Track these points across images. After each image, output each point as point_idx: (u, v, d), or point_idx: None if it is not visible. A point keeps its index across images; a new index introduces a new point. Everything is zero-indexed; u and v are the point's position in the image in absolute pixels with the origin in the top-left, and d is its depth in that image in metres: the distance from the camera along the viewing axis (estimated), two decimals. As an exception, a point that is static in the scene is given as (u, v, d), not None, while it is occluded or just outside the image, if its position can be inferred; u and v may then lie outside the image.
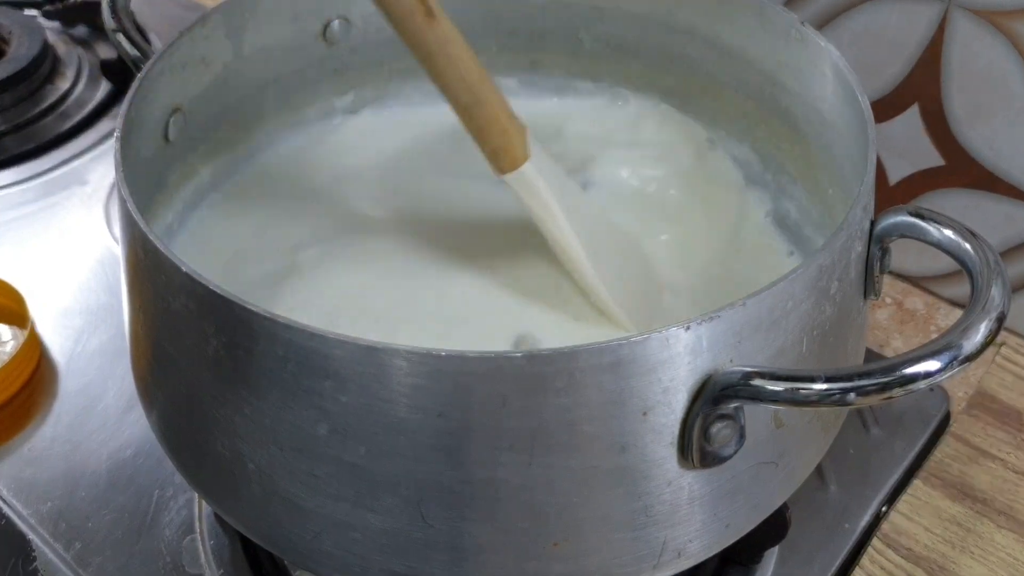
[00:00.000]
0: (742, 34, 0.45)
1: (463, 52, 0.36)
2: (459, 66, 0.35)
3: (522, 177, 0.38)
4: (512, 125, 0.37)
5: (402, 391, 0.29)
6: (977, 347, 0.29)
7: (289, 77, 0.49)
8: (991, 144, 0.51)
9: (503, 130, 0.37)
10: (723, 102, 0.48)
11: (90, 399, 0.51)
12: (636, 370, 0.29)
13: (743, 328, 0.30)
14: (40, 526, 0.46)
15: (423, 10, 0.34)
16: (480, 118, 0.37)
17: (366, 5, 0.48)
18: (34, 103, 0.69)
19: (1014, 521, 0.46)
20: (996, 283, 0.31)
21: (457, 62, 0.35)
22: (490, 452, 0.30)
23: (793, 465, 0.35)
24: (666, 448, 0.31)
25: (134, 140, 0.38)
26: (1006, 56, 0.49)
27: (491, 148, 0.37)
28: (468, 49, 0.36)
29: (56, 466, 0.48)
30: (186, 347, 0.33)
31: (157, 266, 0.32)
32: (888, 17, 0.51)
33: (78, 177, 0.65)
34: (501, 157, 0.38)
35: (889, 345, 0.55)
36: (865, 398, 0.29)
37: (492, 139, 0.37)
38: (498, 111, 0.37)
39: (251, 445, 0.32)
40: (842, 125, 0.40)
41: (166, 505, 0.46)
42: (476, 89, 0.36)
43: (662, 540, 0.33)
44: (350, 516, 0.32)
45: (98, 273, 0.58)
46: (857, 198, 0.34)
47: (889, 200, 0.56)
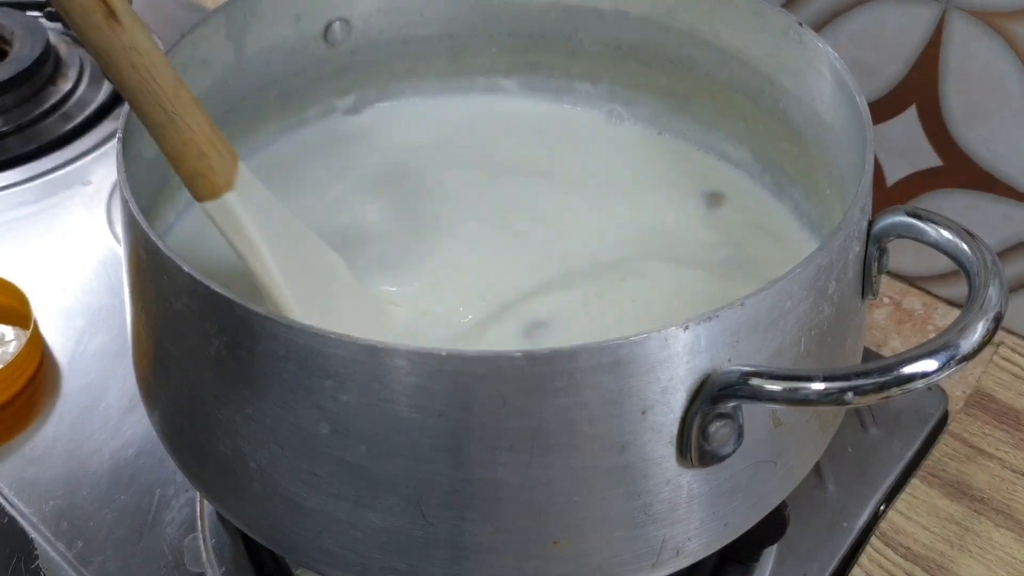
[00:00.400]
0: (740, 35, 0.45)
1: (156, 65, 0.32)
2: (147, 79, 0.32)
3: (221, 207, 0.34)
4: (214, 151, 0.34)
5: (403, 391, 0.29)
6: (974, 347, 0.29)
7: (290, 78, 0.49)
8: (989, 145, 0.52)
9: (200, 154, 0.33)
10: (721, 103, 0.49)
11: (92, 399, 0.51)
12: (635, 370, 0.29)
13: (741, 328, 0.30)
14: (42, 525, 0.46)
15: (103, 11, 0.31)
16: (174, 139, 0.33)
17: (367, 6, 0.49)
18: (36, 104, 0.69)
19: (1012, 520, 0.46)
20: (993, 283, 0.31)
21: (144, 74, 0.32)
22: (490, 452, 0.30)
23: (791, 464, 0.36)
24: (665, 447, 0.31)
25: (136, 141, 0.38)
26: (1004, 57, 0.49)
27: (187, 172, 0.34)
28: (165, 64, 0.32)
29: (58, 465, 0.48)
30: (188, 347, 0.33)
31: (159, 266, 0.32)
32: (886, 18, 0.51)
33: (80, 178, 0.65)
34: (198, 183, 0.34)
35: (887, 345, 0.55)
36: (863, 397, 0.29)
37: (188, 163, 0.34)
38: (196, 132, 0.33)
39: (252, 444, 0.33)
40: (840, 126, 0.41)
41: (168, 504, 0.47)
42: (168, 106, 0.33)
43: (661, 539, 0.33)
44: (351, 515, 0.32)
45: (100, 273, 0.58)
46: (855, 198, 0.34)
47: (887, 200, 0.56)
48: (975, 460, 0.49)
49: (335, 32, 0.49)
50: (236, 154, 0.35)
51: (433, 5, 0.50)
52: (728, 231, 0.46)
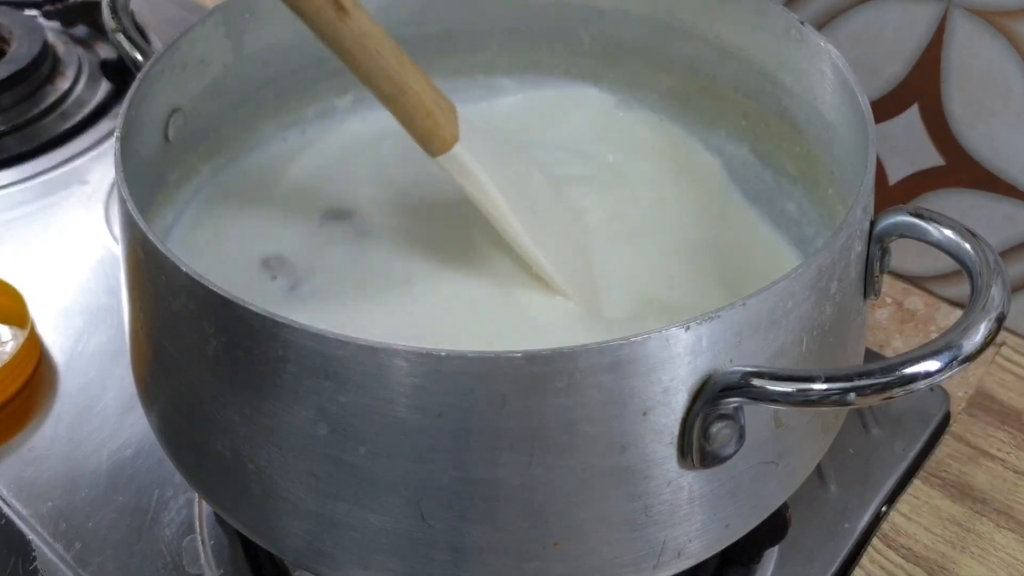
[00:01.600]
0: (742, 34, 0.45)
1: (381, 43, 0.36)
2: (377, 57, 0.36)
3: (453, 159, 0.39)
4: (438, 108, 0.38)
5: (402, 391, 0.29)
6: (977, 347, 0.29)
7: (289, 77, 0.49)
8: (991, 144, 0.51)
9: (428, 114, 0.37)
10: (723, 102, 0.48)
11: (90, 399, 0.51)
12: (636, 370, 0.29)
13: (743, 328, 0.30)
14: (40, 526, 0.46)
15: (334, 6, 0.35)
16: (404, 105, 0.37)
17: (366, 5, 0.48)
18: (34, 103, 0.69)
19: (1014, 521, 0.46)
20: (996, 283, 0.31)
21: (374, 54, 0.36)
22: (490, 452, 0.30)
23: (793, 465, 0.35)
24: (666, 448, 0.31)
25: (134, 140, 0.38)
26: (1006, 56, 0.49)
27: (419, 134, 0.38)
28: (387, 39, 0.36)
29: (56, 466, 0.48)
30: (186, 347, 0.33)
31: (157, 266, 0.32)
32: (888, 17, 0.51)
33: (78, 177, 0.65)
34: (430, 141, 0.38)
35: (889, 345, 0.55)
36: (865, 398, 0.29)
37: (419, 124, 0.37)
38: (422, 96, 0.37)
39: (251, 445, 0.32)
40: (842, 125, 0.40)
41: (166, 505, 0.46)
42: (397, 78, 0.36)
43: (662, 540, 0.33)
44: (350, 516, 0.32)
45: (98, 273, 0.58)
46: (857, 198, 0.34)
47: (889, 200, 0.56)
48: (977, 461, 0.49)
49: (334, 31, 0.48)
50: (454, 106, 0.39)
51: (432, 4, 0.50)
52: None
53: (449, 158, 0.38)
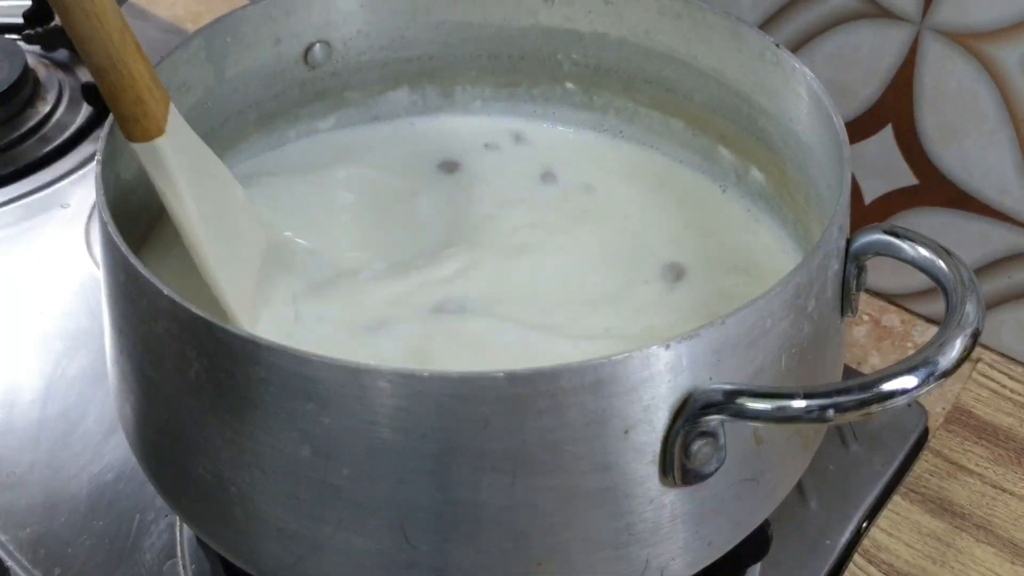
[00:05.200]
0: (718, 56, 0.46)
1: (104, 11, 0.34)
2: (96, 24, 0.34)
3: (151, 151, 0.37)
4: (151, 96, 0.36)
5: (385, 413, 0.29)
6: (953, 363, 0.30)
7: (271, 101, 0.49)
8: (964, 164, 0.52)
9: (138, 99, 0.36)
10: (700, 123, 0.49)
11: (70, 423, 0.51)
12: (617, 389, 0.29)
13: (722, 346, 0.30)
14: (19, 552, 0.45)
15: None
16: (114, 83, 0.35)
17: (347, 29, 0.49)
18: (14, 126, 0.68)
19: (993, 535, 0.47)
20: (971, 300, 0.31)
21: (94, 20, 0.34)
22: (473, 473, 0.30)
23: (774, 482, 0.36)
24: (648, 466, 0.31)
25: (115, 163, 0.38)
26: (977, 77, 0.49)
27: (122, 115, 0.36)
28: (111, 9, 0.34)
29: (35, 491, 0.48)
30: (168, 370, 0.33)
31: (138, 289, 0.32)
32: (861, 39, 0.52)
33: (59, 200, 0.64)
34: (131, 126, 0.36)
35: (867, 362, 0.56)
36: (844, 414, 0.29)
37: (124, 107, 0.36)
38: (136, 80, 0.36)
39: (233, 468, 0.32)
40: (817, 145, 0.41)
41: (147, 529, 0.46)
42: (113, 52, 0.35)
43: (645, 558, 0.33)
44: (333, 539, 0.32)
45: (79, 296, 0.58)
46: (833, 217, 0.34)
47: (864, 219, 0.57)
48: (956, 476, 0.49)
49: (315, 54, 0.49)
50: (169, 99, 0.37)
51: (413, 27, 0.50)
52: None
53: (146, 148, 0.37)
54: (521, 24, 0.50)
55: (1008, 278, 0.54)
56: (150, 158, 0.37)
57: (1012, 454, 0.50)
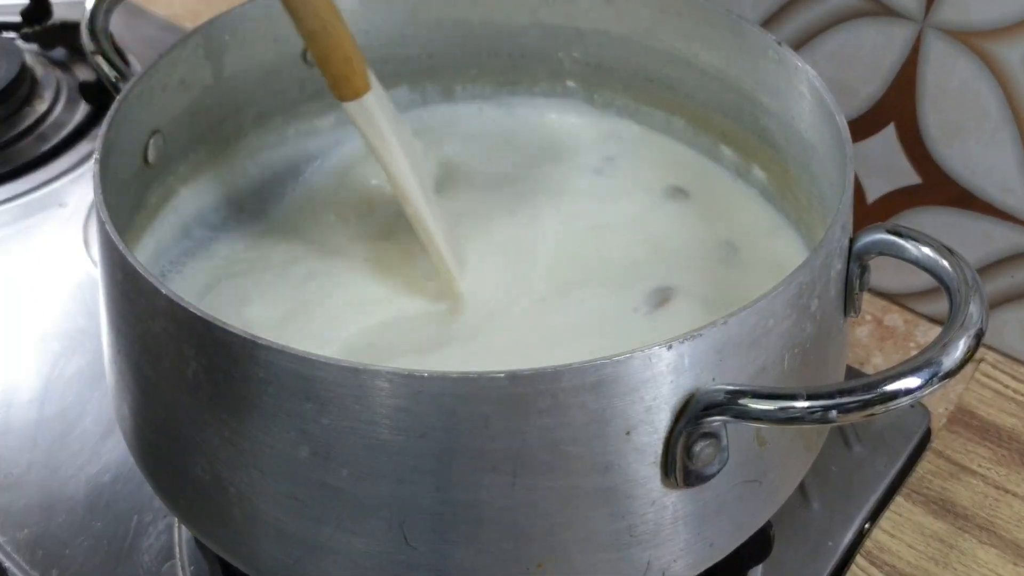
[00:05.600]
0: (720, 54, 0.46)
1: None
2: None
3: (362, 107, 0.40)
4: (356, 56, 0.39)
5: (384, 412, 0.29)
6: (956, 363, 0.29)
7: (269, 99, 0.49)
8: (966, 163, 0.52)
9: (347, 58, 0.39)
10: (702, 121, 0.49)
11: (68, 424, 0.51)
12: (619, 389, 0.29)
13: (724, 346, 0.30)
14: (16, 554, 0.45)
15: None
16: (325, 45, 0.39)
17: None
18: (12, 125, 0.68)
19: (996, 537, 0.46)
20: (974, 300, 0.31)
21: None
22: (473, 473, 0.30)
23: (776, 483, 0.36)
24: (649, 467, 0.31)
25: (113, 162, 0.38)
26: (979, 76, 0.49)
27: (333, 75, 0.39)
28: None
29: (33, 492, 0.48)
30: (165, 370, 0.33)
31: (136, 288, 0.32)
32: (863, 38, 0.52)
33: (56, 199, 0.64)
34: (343, 85, 0.40)
35: (869, 362, 0.55)
36: (847, 415, 0.29)
37: (336, 67, 0.39)
38: (343, 40, 0.39)
39: (231, 469, 0.32)
40: (820, 144, 0.41)
41: (145, 531, 0.46)
42: (323, 16, 0.38)
43: (646, 560, 0.32)
44: (332, 539, 0.32)
45: (76, 296, 0.58)
46: (835, 216, 0.34)
47: (867, 218, 0.56)
48: (958, 477, 0.49)
49: (315, 52, 0.49)
50: (366, 60, 0.40)
51: (413, 25, 0.50)
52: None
53: (359, 105, 0.40)
54: (521, 22, 0.50)
55: (1011, 277, 0.54)
56: (362, 114, 0.40)
57: (1015, 455, 0.50)
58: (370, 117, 0.40)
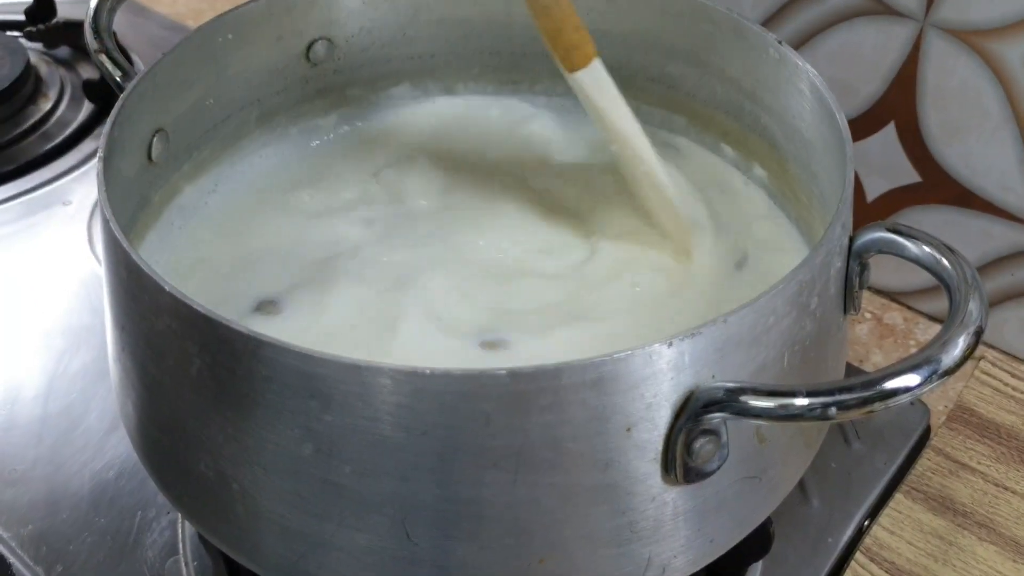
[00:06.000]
0: (721, 54, 0.46)
1: None
2: None
3: (593, 72, 0.41)
4: (581, 24, 0.40)
5: (387, 410, 0.29)
6: (956, 361, 0.30)
7: (272, 97, 0.49)
8: (967, 161, 0.52)
9: (576, 27, 0.40)
10: (703, 120, 0.49)
11: (72, 420, 0.51)
12: (619, 387, 0.29)
13: (725, 344, 0.30)
14: (21, 549, 0.45)
15: None
16: (557, 17, 0.40)
17: (349, 26, 0.49)
18: (16, 123, 0.68)
19: (995, 534, 0.47)
20: (974, 298, 0.31)
21: None
22: (475, 470, 0.30)
23: (776, 480, 0.36)
24: (650, 464, 0.31)
25: (117, 160, 0.38)
26: (980, 74, 0.49)
27: (565, 45, 0.40)
28: None
29: (37, 488, 0.48)
30: (169, 367, 0.33)
31: (140, 286, 0.32)
32: (864, 36, 0.52)
33: (61, 197, 0.65)
34: (575, 54, 0.41)
35: (869, 360, 0.55)
36: (846, 412, 0.29)
37: (567, 37, 0.40)
38: (571, 11, 0.40)
39: (235, 465, 0.32)
40: (820, 143, 0.41)
41: (149, 526, 0.46)
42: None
43: (647, 556, 0.33)
44: (335, 536, 0.32)
45: (80, 293, 0.58)
46: (836, 215, 0.34)
47: (867, 217, 0.56)
48: (958, 474, 0.49)
49: (317, 51, 0.49)
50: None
51: (415, 24, 0.50)
52: None
53: (590, 71, 0.41)
54: (523, 21, 0.50)
55: (1011, 276, 0.54)
56: (594, 81, 0.41)
57: (1014, 452, 0.50)
58: (600, 82, 0.41)
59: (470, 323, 0.40)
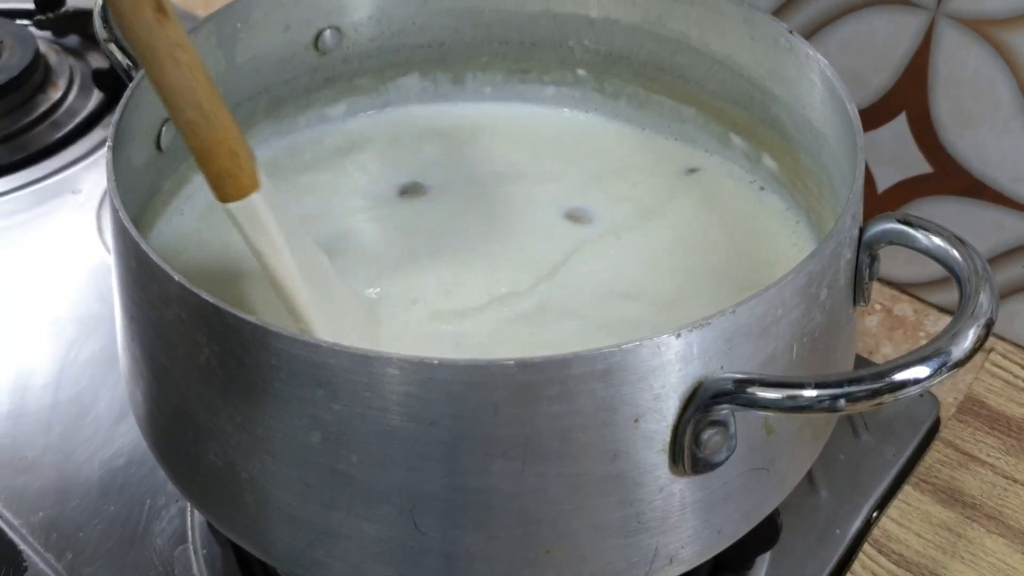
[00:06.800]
0: (731, 43, 0.46)
1: (195, 62, 0.32)
2: (189, 76, 0.32)
3: (249, 207, 0.34)
4: (243, 148, 0.34)
5: (395, 399, 0.29)
6: (966, 353, 0.30)
7: (281, 86, 0.49)
8: (978, 152, 0.52)
9: (231, 152, 0.33)
10: (712, 111, 0.49)
11: (82, 408, 0.51)
12: (628, 377, 0.29)
13: (733, 335, 0.30)
14: (31, 536, 0.46)
15: (154, 5, 0.31)
16: (208, 138, 0.33)
17: (358, 15, 0.49)
18: (26, 112, 0.69)
19: (1004, 526, 0.46)
20: (984, 289, 0.31)
21: (187, 71, 0.32)
22: (483, 460, 0.30)
23: (784, 471, 0.36)
24: (657, 455, 0.31)
25: (126, 149, 0.38)
26: (992, 64, 0.49)
27: (216, 172, 0.34)
28: (199, 61, 0.33)
29: (48, 475, 0.48)
30: (178, 356, 0.33)
31: (149, 275, 0.32)
32: (875, 26, 0.52)
33: (70, 186, 0.65)
34: (227, 183, 0.34)
35: (878, 351, 0.55)
36: (855, 404, 0.29)
37: (219, 163, 0.33)
38: (228, 132, 0.33)
39: (244, 454, 0.32)
40: (831, 133, 0.41)
41: (158, 514, 0.46)
42: (205, 105, 0.33)
43: (654, 546, 0.33)
44: (343, 525, 0.32)
45: (90, 282, 0.58)
46: (846, 206, 0.34)
47: (878, 208, 0.56)
48: (967, 466, 0.49)
49: (326, 40, 0.49)
50: (254, 155, 0.35)
51: (424, 13, 0.50)
52: None
53: (243, 206, 0.34)
54: (532, 10, 0.50)
55: (1022, 267, 0.54)
56: (247, 216, 0.34)
57: (1024, 444, 0.50)
58: (255, 220, 0.34)
59: (464, 308, 0.41)
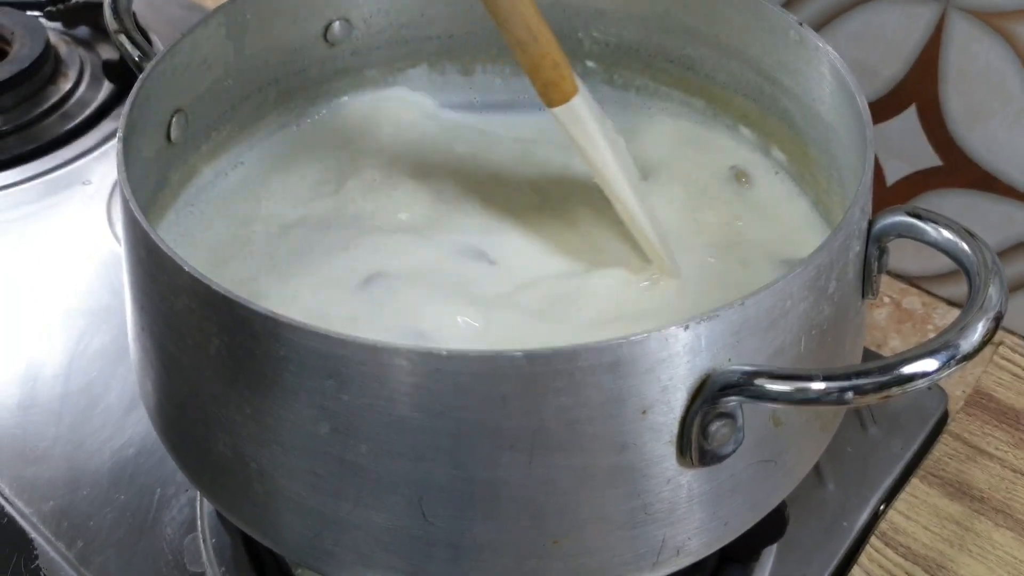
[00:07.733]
0: (741, 35, 0.45)
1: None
2: (518, 5, 0.39)
3: (572, 110, 0.41)
4: (563, 60, 0.40)
5: (403, 390, 0.29)
6: (974, 346, 0.29)
7: (290, 78, 0.49)
8: (989, 145, 0.52)
9: (555, 64, 0.40)
10: (722, 102, 0.49)
11: (92, 398, 0.51)
12: (635, 369, 0.29)
13: (742, 327, 0.30)
14: (42, 525, 0.46)
15: None
16: (535, 54, 0.39)
17: (367, 6, 0.49)
18: (36, 103, 0.69)
19: (1012, 520, 0.46)
20: (993, 283, 0.31)
21: (517, 2, 0.39)
22: (490, 451, 0.30)
23: (791, 464, 0.36)
24: (665, 447, 0.31)
25: (136, 140, 0.39)
26: (1004, 57, 0.49)
27: (543, 81, 0.40)
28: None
29: (58, 465, 0.48)
30: (188, 347, 0.33)
31: (159, 266, 0.32)
32: (886, 18, 0.51)
33: (80, 177, 0.65)
34: (552, 90, 0.40)
35: (887, 344, 0.55)
36: (863, 397, 0.29)
37: (545, 73, 0.40)
38: (551, 47, 0.40)
39: (253, 444, 0.33)
40: (840, 125, 0.41)
41: (168, 504, 0.47)
42: (532, 27, 0.39)
43: (661, 538, 0.33)
44: (351, 515, 0.32)
45: (100, 273, 0.58)
46: (855, 198, 0.34)
47: (887, 201, 0.56)
48: (975, 460, 0.49)
49: (335, 32, 0.49)
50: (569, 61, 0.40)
51: (433, 5, 0.50)
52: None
53: (568, 108, 0.40)
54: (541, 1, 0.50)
55: (1032, 261, 0.53)
56: (572, 118, 0.41)
57: (1033, 438, 0.50)
58: (579, 119, 0.41)
59: (457, 293, 0.41)
